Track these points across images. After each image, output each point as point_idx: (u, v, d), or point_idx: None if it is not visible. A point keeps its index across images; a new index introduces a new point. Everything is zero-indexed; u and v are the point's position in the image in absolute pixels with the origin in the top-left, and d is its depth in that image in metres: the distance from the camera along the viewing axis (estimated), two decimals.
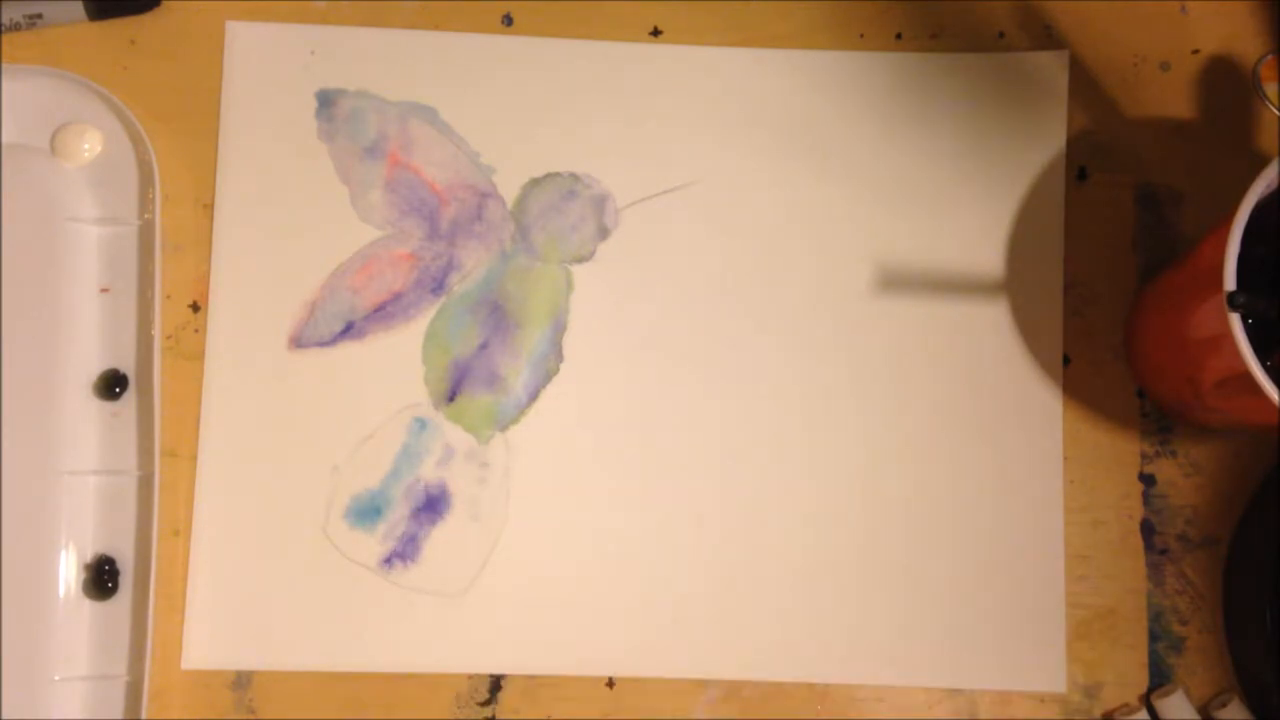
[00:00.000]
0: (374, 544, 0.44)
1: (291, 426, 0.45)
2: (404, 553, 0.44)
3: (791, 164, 0.46)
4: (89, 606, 0.43)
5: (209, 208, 0.46)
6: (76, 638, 0.43)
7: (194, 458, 0.45)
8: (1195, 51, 0.47)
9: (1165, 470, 0.45)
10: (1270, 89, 0.44)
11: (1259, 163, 0.38)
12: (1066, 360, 0.46)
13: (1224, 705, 0.43)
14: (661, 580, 0.44)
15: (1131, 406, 0.45)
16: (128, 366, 0.45)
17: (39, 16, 0.46)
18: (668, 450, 0.45)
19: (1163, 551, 0.45)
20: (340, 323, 0.45)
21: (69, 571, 0.43)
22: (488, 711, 0.44)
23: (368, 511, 0.44)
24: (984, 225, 0.46)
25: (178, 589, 0.44)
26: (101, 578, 0.43)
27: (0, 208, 0.44)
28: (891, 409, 0.45)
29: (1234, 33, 0.47)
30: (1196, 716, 0.43)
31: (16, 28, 0.46)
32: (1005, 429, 0.45)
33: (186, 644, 0.44)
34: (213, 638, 0.44)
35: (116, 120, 0.45)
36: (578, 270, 0.46)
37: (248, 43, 0.47)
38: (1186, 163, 0.46)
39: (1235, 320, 0.36)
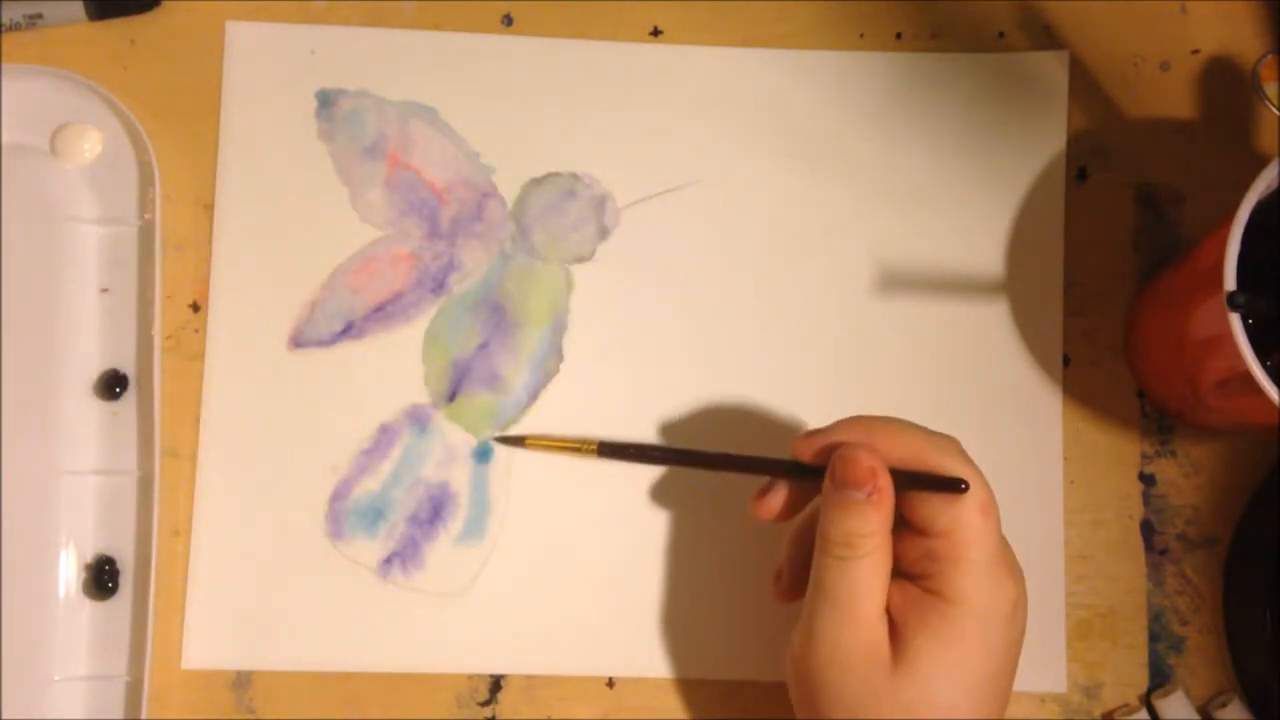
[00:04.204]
0: (374, 544, 0.44)
1: (291, 426, 0.45)
2: (404, 553, 0.44)
3: (791, 164, 0.46)
4: (89, 606, 0.43)
5: (209, 208, 0.46)
6: (76, 638, 0.43)
7: (194, 458, 0.45)
8: (1195, 51, 0.47)
9: (1165, 470, 0.45)
10: (1270, 89, 0.44)
11: (1259, 163, 0.38)
12: (1066, 360, 0.45)
13: (1224, 705, 0.43)
14: (661, 580, 0.44)
15: (1131, 406, 0.45)
16: (128, 366, 0.45)
17: (39, 16, 0.46)
18: None
19: (1163, 551, 0.45)
20: (340, 322, 0.45)
21: (69, 571, 0.43)
22: (488, 711, 0.44)
23: (368, 513, 0.44)
24: (984, 225, 0.46)
25: (178, 589, 0.44)
26: (101, 578, 0.43)
27: (0, 208, 0.45)
28: (891, 408, 0.45)
29: (1234, 33, 0.47)
30: (1196, 716, 0.43)
31: (16, 28, 0.46)
32: (1005, 429, 0.45)
33: (186, 644, 0.44)
34: (213, 638, 0.44)
35: (116, 120, 0.45)
36: (578, 270, 0.46)
37: (248, 43, 0.47)
38: (1186, 163, 0.46)
39: (1235, 320, 0.36)
